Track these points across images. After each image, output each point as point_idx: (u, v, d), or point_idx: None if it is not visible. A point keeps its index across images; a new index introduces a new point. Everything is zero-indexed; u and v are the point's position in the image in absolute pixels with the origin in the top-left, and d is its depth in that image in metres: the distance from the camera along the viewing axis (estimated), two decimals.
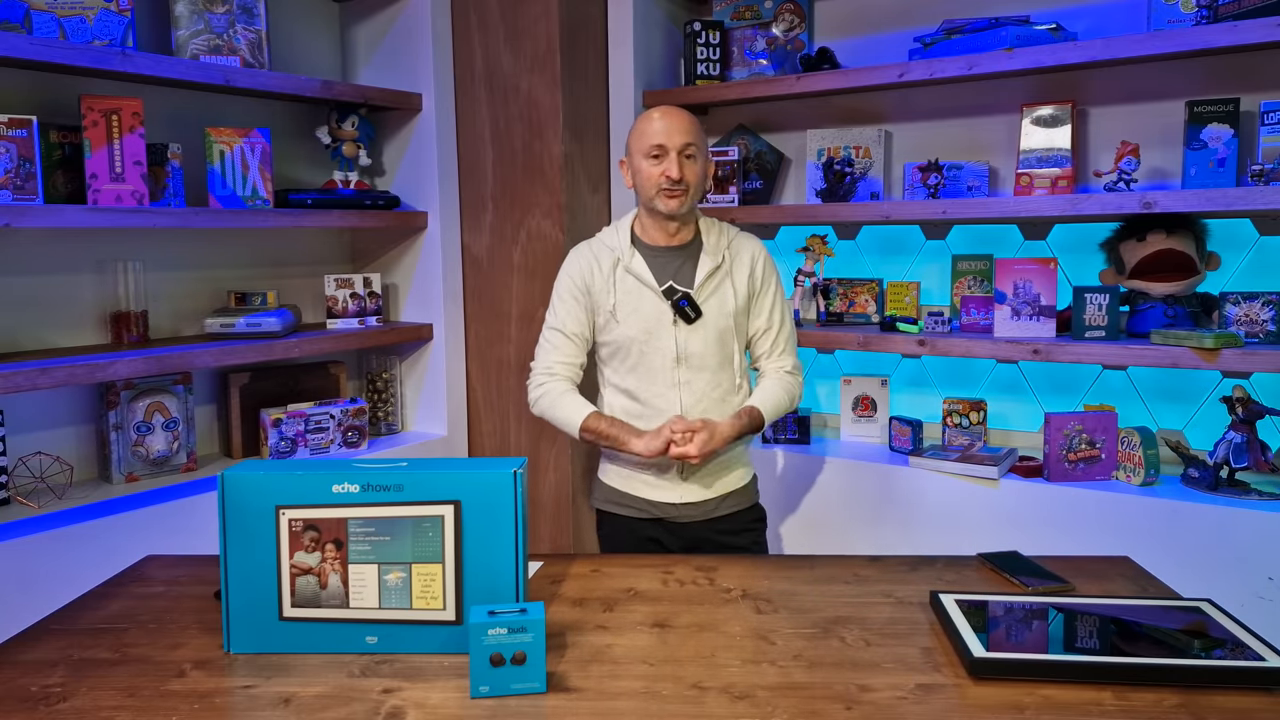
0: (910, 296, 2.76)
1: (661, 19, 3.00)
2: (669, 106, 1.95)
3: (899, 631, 1.35)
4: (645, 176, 1.91)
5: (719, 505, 2.01)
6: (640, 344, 1.93)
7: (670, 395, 1.93)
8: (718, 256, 1.96)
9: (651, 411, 1.94)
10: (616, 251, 1.97)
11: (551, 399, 1.98)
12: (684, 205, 1.91)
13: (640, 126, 1.93)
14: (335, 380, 2.91)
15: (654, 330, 1.93)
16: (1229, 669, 1.17)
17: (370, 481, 1.30)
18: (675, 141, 1.88)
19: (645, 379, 1.94)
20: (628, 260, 1.95)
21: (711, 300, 1.94)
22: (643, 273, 1.94)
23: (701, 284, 1.94)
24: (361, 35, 3.02)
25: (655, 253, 1.97)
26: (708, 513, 2.01)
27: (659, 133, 1.88)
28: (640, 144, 1.91)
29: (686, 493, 1.99)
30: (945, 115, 2.76)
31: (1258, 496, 2.16)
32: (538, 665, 1.18)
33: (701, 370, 1.94)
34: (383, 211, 2.81)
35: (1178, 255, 2.31)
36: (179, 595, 1.52)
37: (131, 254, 2.48)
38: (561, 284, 2.01)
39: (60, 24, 2.14)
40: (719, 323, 1.94)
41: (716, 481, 2.01)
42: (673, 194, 1.89)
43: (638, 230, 2.00)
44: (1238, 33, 2.09)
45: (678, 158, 1.88)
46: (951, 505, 2.46)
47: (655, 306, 1.93)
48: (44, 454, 2.29)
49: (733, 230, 2.04)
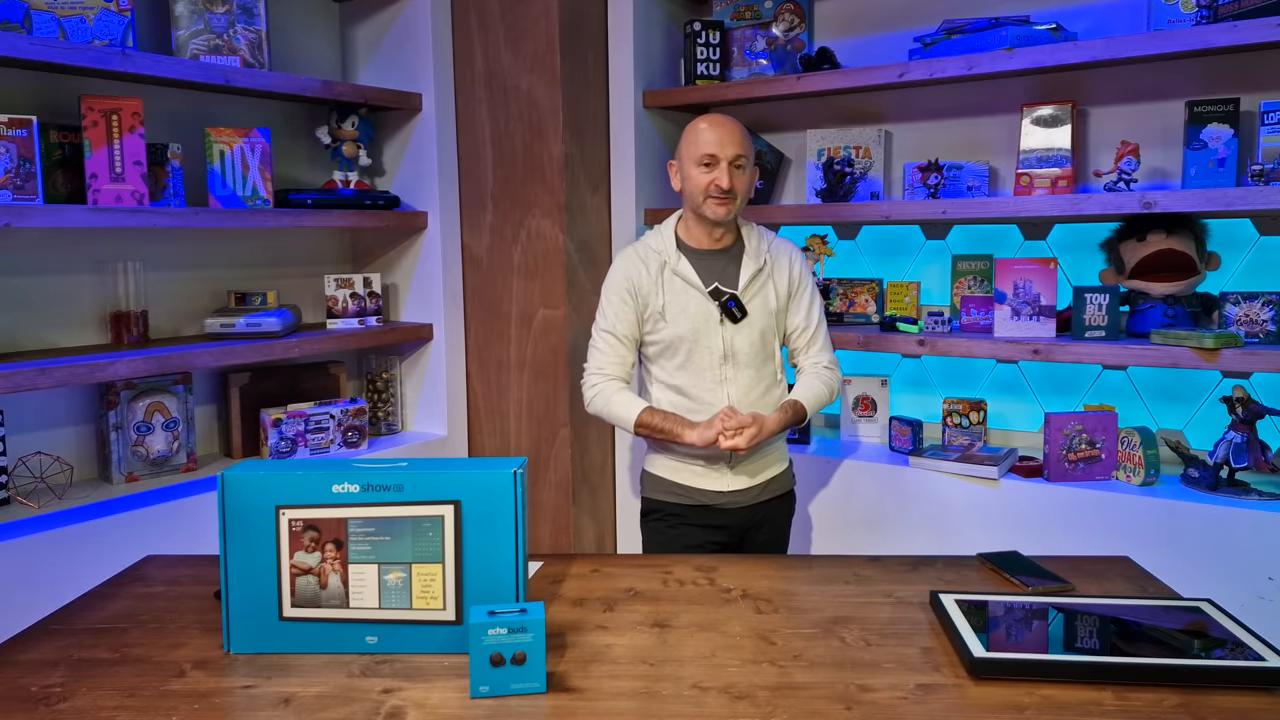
0: (910, 296, 2.76)
1: (661, 19, 3.00)
2: (719, 116, 2.03)
3: (899, 631, 1.35)
4: (695, 183, 1.99)
5: (762, 492, 2.12)
6: (689, 343, 2.03)
7: (718, 390, 2.03)
8: (760, 259, 2.06)
9: (699, 405, 2.04)
10: (663, 255, 2.05)
11: (606, 397, 2.08)
12: (731, 212, 2.00)
13: (692, 135, 2.01)
14: (335, 380, 2.91)
15: (701, 329, 2.02)
16: (1229, 669, 1.17)
17: (370, 481, 1.30)
18: (727, 152, 1.96)
19: (693, 375, 2.04)
20: (674, 263, 2.04)
21: (755, 301, 2.05)
22: (689, 274, 2.03)
23: (746, 285, 2.04)
24: (361, 35, 3.02)
25: (700, 255, 2.06)
26: (753, 499, 2.11)
27: (711, 143, 1.97)
28: (692, 152, 1.99)
29: (734, 481, 2.08)
30: (945, 115, 2.76)
31: (1258, 496, 2.16)
32: (538, 665, 1.18)
33: (746, 367, 2.04)
34: (383, 211, 2.81)
35: (1178, 255, 2.31)
36: (179, 595, 1.52)
37: (131, 254, 2.48)
38: (610, 286, 2.09)
39: (60, 24, 2.13)
40: (762, 322, 2.05)
41: (761, 471, 2.12)
42: (722, 202, 1.98)
43: (681, 233, 2.09)
44: (1238, 33, 2.09)
45: (728, 168, 1.96)
46: (951, 505, 2.46)
47: (702, 307, 2.03)
48: (44, 454, 2.29)
49: (770, 234, 2.15)
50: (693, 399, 2.04)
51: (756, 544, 2.15)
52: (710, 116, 2.02)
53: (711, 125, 1.99)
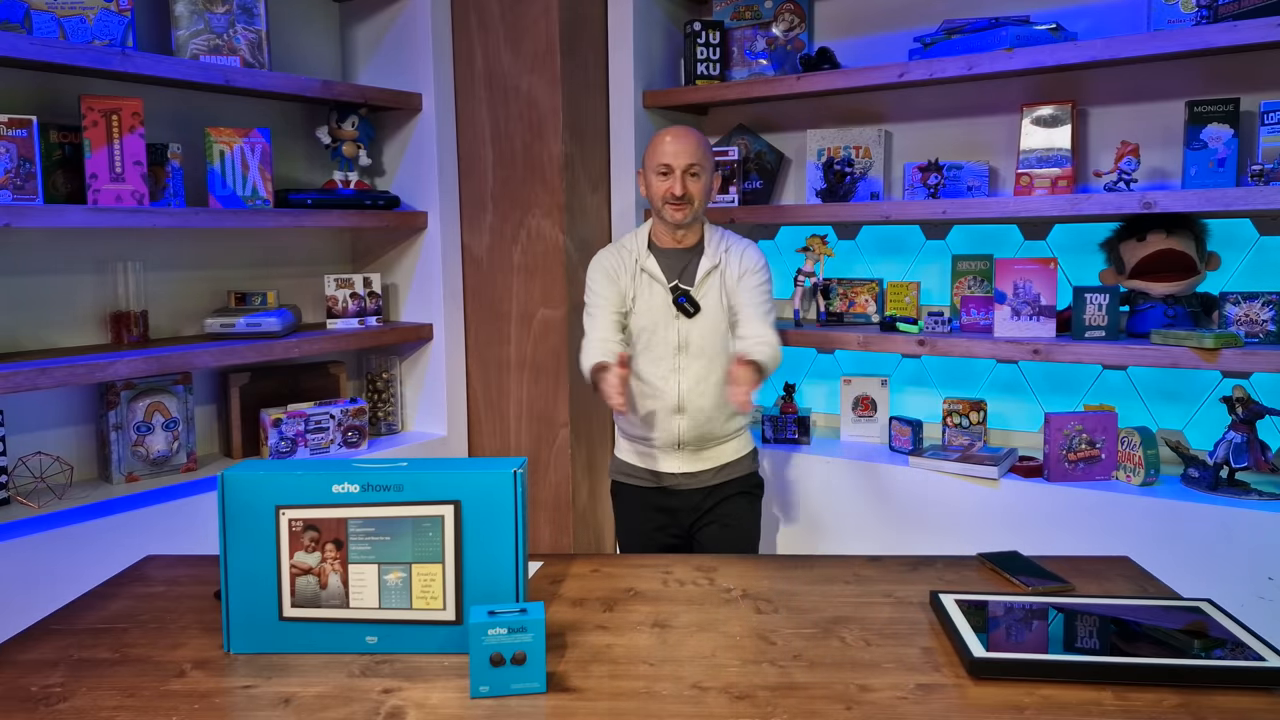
0: (910, 296, 2.76)
1: (661, 19, 3.00)
2: (680, 128, 2.18)
3: (899, 631, 1.35)
4: (654, 190, 2.18)
5: (716, 475, 2.26)
6: (649, 333, 2.20)
7: (670, 379, 2.19)
8: (715, 258, 2.21)
9: (652, 390, 2.21)
10: (635, 253, 2.24)
11: (584, 350, 2.22)
12: (687, 216, 2.16)
13: (653, 146, 2.19)
14: (335, 380, 2.91)
15: (660, 321, 2.20)
16: (1229, 669, 1.17)
17: (370, 481, 1.30)
18: (680, 162, 2.13)
19: (650, 364, 2.21)
20: (644, 260, 2.22)
21: (709, 297, 2.20)
22: (655, 270, 2.21)
23: (700, 282, 2.19)
24: (361, 35, 3.02)
25: (665, 254, 2.24)
26: (705, 482, 2.25)
27: (668, 154, 2.14)
28: (652, 161, 2.18)
29: (685, 464, 2.24)
30: (945, 115, 2.76)
31: (1258, 496, 2.16)
32: (538, 665, 1.18)
33: (699, 358, 2.19)
34: (383, 211, 2.81)
35: (1178, 255, 2.31)
36: (179, 595, 1.52)
37: (131, 254, 2.48)
38: (594, 271, 2.26)
39: (60, 24, 2.13)
40: (715, 315, 2.20)
41: (713, 454, 2.25)
42: (678, 207, 2.15)
43: (653, 235, 2.27)
44: (1238, 33, 2.09)
45: (682, 176, 2.13)
46: (951, 505, 2.46)
47: (663, 300, 2.20)
48: (44, 454, 2.29)
49: (733, 236, 2.27)
50: (646, 383, 2.20)
51: (716, 528, 2.26)
52: (671, 129, 2.18)
53: (670, 137, 2.15)
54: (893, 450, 2.70)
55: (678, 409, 2.19)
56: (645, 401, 2.22)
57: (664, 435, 2.22)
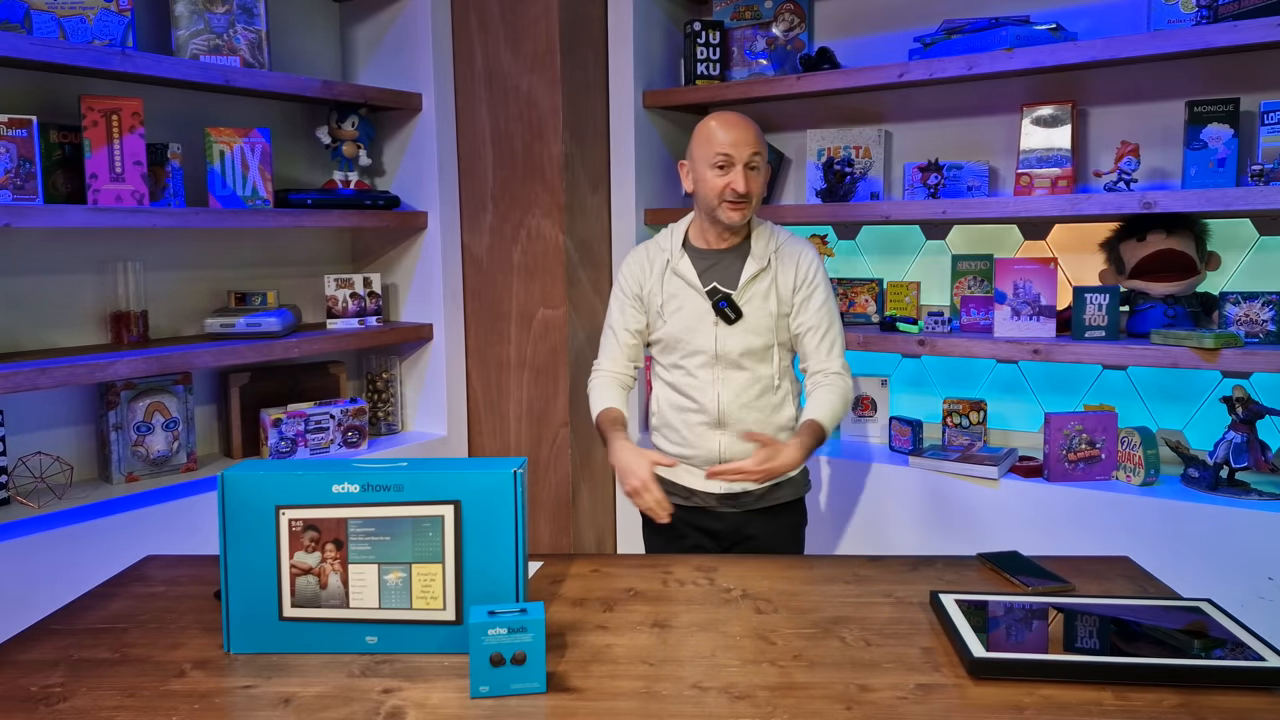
0: (910, 296, 2.76)
1: (661, 19, 3.00)
2: (731, 114, 1.93)
3: (899, 631, 1.35)
4: (709, 186, 1.90)
5: (760, 499, 2.02)
6: (683, 341, 1.97)
7: (708, 391, 1.97)
8: (763, 260, 1.96)
9: (691, 404, 1.99)
10: (668, 253, 2.01)
11: (592, 389, 2.08)
12: (746, 216, 1.93)
13: (704, 135, 1.91)
14: (335, 380, 2.91)
15: (695, 328, 1.96)
16: (1229, 669, 1.17)
17: (370, 481, 1.30)
18: (743, 153, 1.87)
19: (687, 375, 1.99)
20: (675, 262, 1.98)
21: (753, 302, 1.95)
22: (688, 274, 1.97)
23: (744, 286, 1.95)
24: (361, 35, 3.02)
25: (703, 255, 1.99)
26: (747, 505, 2.02)
27: (726, 143, 1.87)
28: (705, 152, 1.90)
29: (727, 484, 1.97)
30: (945, 115, 2.76)
31: (1258, 496, 2.16)
32: (538, 665, 1.18)
33: (739, 369, 1.96)
34: (383, 211, 2.81)
35: (1178, 255, 2.31)
36: (179, 595, 1.52)
37: (131, 254, 2.48)
38: (617, 284, 2.08)
39: (60, 24, 2.13)
40: (760, 324, 1.95)
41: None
42: (736, 206, 1.89)
43: (692, 233, 2.03)
44: (1238, 33, 2.09)
45: (744, 170, 1.87)
46: (951, 505, 2.46)
47: (698, 306, 1.96)
48: (44, 454, 2.29)
49: (783, 234, 2.04)
50: (685, 395, 1.99)
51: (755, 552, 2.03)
52: (722, 115, 1.92)
53: (725, 124, 1.89)
54: (893, 450, 2.70)
55: (718, 423, 1.96)
56: (684, 415, 2.00)
57: (703, 453, 1.99)
